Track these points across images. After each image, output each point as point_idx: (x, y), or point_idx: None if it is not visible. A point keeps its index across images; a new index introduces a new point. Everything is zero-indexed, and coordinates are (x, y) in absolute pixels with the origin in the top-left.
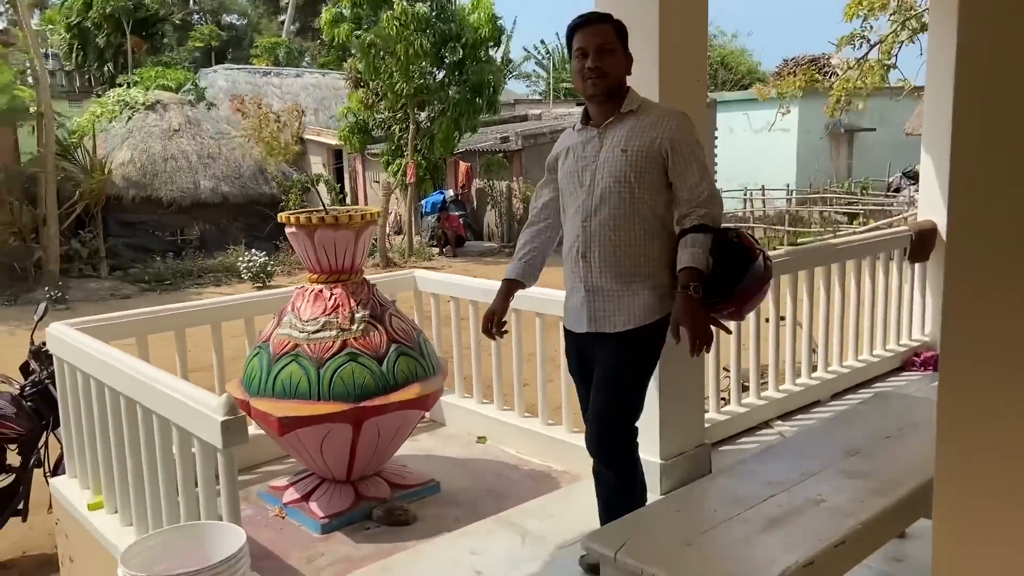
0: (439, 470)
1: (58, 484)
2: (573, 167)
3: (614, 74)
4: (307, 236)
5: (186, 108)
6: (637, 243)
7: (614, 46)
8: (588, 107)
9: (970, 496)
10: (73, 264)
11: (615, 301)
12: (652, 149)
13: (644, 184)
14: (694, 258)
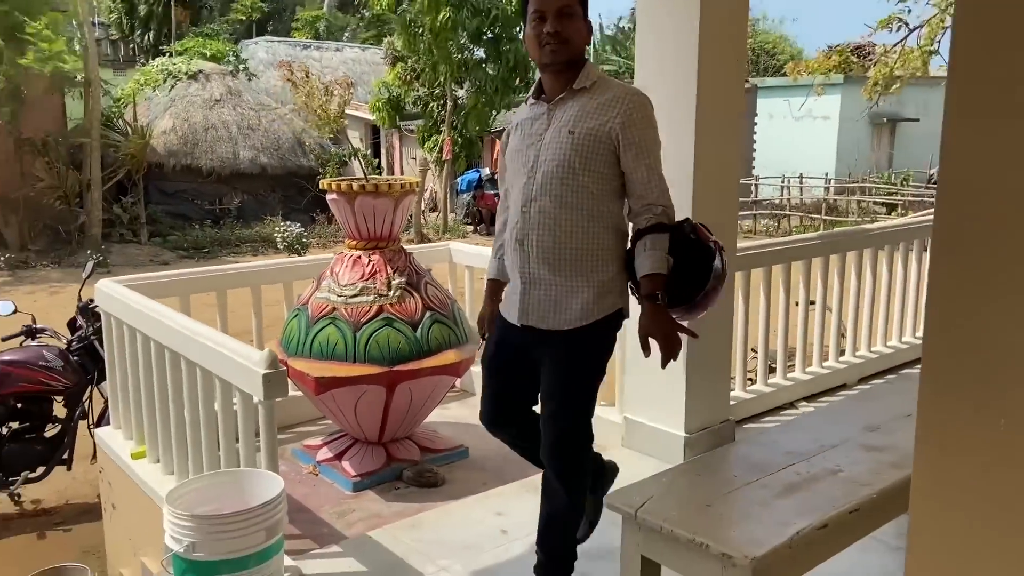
0: (468, 437)
1: (103, 434)
2: (518, 145)
3: (574, 41)
4: (347, 203)
5: (227, 78)
6: (579, 234)
7: (575, 9)
8: (542, 78)
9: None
10: (115, 229)
11: (552, 295)
12: (601, 133)
13: (590, 171)
14: (656, 263)
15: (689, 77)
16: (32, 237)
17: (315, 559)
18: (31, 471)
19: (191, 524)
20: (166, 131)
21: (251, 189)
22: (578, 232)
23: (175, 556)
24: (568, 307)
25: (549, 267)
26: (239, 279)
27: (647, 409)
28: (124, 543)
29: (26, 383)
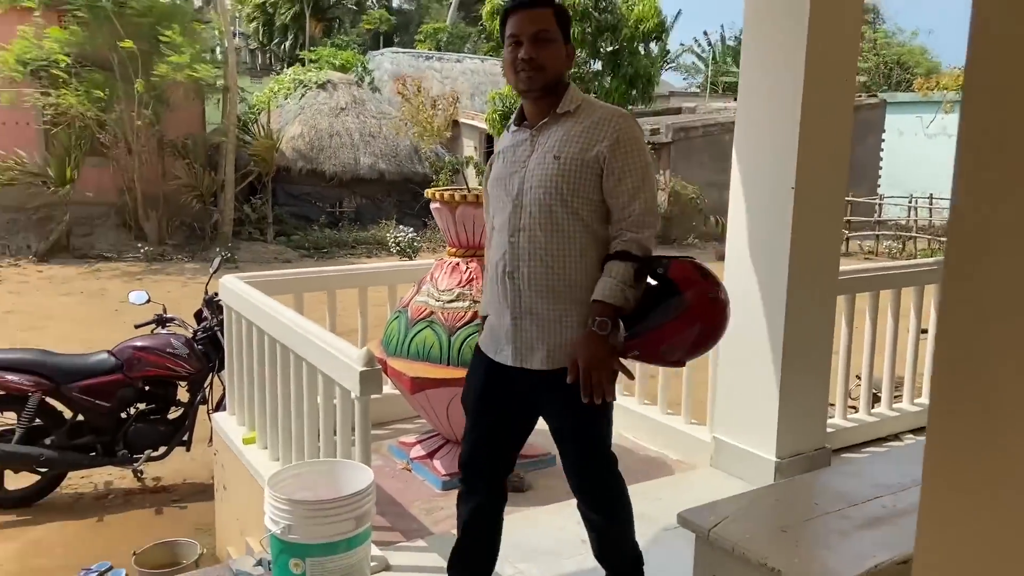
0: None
1: (219, 419)
2: (501, 173)
3: (551, 67)
4: (449, 212)
5: (353, 88)
6: (572, 263)
7: (553, 35)
8: (523, 104)
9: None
10: (244, 228)
11: (547, 331)
12: (588, 157)
13: (579, 197)
14: (605, 290)
15: (794, 94)
16: (170, 232)
17: (401, 551)
18: (154, 450)
19: (288, 508)
20: (294, 136)
21: (369, 193)
22: (571, 261)
23: (272, 536)
24: (558, 344)
25: (543, 299)
26: (347, 280)
27: (738, 430)
28: (232, 523)
29: (154, 368)
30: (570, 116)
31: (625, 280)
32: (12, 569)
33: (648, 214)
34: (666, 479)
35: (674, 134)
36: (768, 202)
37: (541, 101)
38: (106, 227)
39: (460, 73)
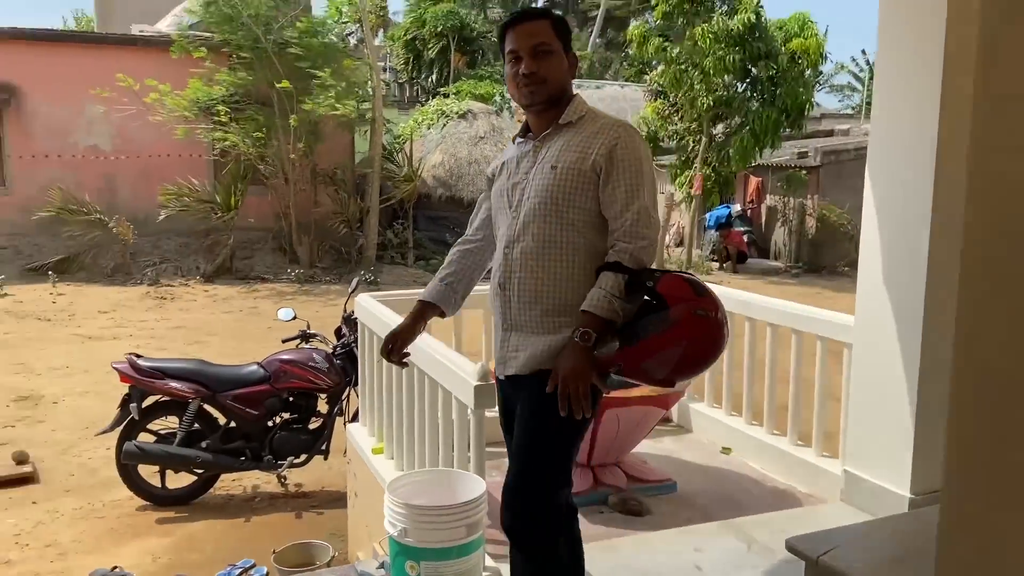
0: (678, 472)
1: (352, 430)
2: (504, 184)
3: (553, 79)
4: None
5: (492, 117)
6: (565, 276)
7: (552, 46)
8: (527, 116)
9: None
10: (387, 251)
11: (531, 340)
12: (584, 166)
13: (575, 207)
14: (592, 300)
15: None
16: (319, 255)
17: None
18: (296, 457)
19: (405, 512)
20: (435, 165)
21: None
22: (564, 273)
23: (391, 539)
24: (547, 347)
25: (530, 308)
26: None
27: (870, 464)
28: (363, 529)
29: (298, 380)
30: (572, 127)
31: (614, 291)
32: (168, 561)
33: (642, 225)
34: (792, 511)
35: (823, 157)
36: (903, 227)
37: (545, 113)
38: (264, 250)
39: (599, 100)
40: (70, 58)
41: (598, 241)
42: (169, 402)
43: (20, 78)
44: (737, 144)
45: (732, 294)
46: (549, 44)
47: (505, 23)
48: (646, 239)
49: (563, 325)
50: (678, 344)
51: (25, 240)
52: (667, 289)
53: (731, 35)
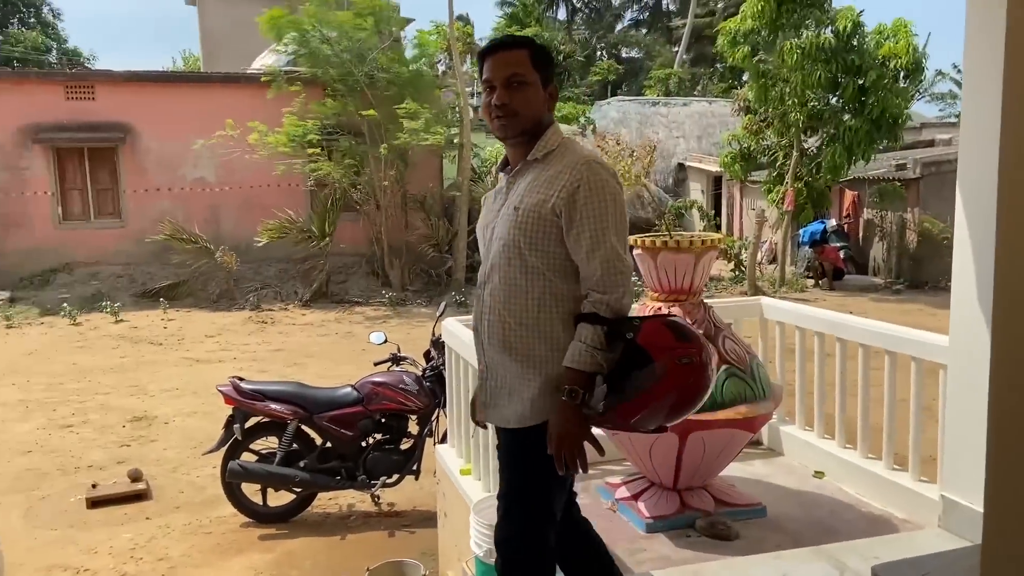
0: (768, 496)
1: (441, 451)
2: (483, 221)
3: (526, 112)
4: (651, 258)
5: (576, 138)
6: (531, 323)
7: (528, 78)
8: (505, 149)
9: None
10: (475, 274)
11: (506, 387)
12: (544, 210)
13: (537, 251)
14: (574, 355)
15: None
16: (411, 279)
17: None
18: (388, 477)
19: (489, 532)
20: None
21: None
22: (529, 317)
23: (477, 559)
24: (518, 400)
25: (500, 354)
26: None
27: (967, 489)
28: (452, 548)
29: (389, 402)
30: (540, 163)
31: (595, 344)
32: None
33: (613, 273)
34: (887, 538)
35: (923, 169)
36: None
37: (520, 147)
38: (358, 275)
39: (687, 116)
40: (178, 97)
41: (565, 286)
42: (269, 423)
43: (134, 118)
44: (828, 157)
45: (822, 315)
46: (524, 75)
47: (483, 50)
48: (621, 287)
49: (536, 375)
50: (668, 395)
51: (138, 268)
52: (648, 339)
53: (821, 49)
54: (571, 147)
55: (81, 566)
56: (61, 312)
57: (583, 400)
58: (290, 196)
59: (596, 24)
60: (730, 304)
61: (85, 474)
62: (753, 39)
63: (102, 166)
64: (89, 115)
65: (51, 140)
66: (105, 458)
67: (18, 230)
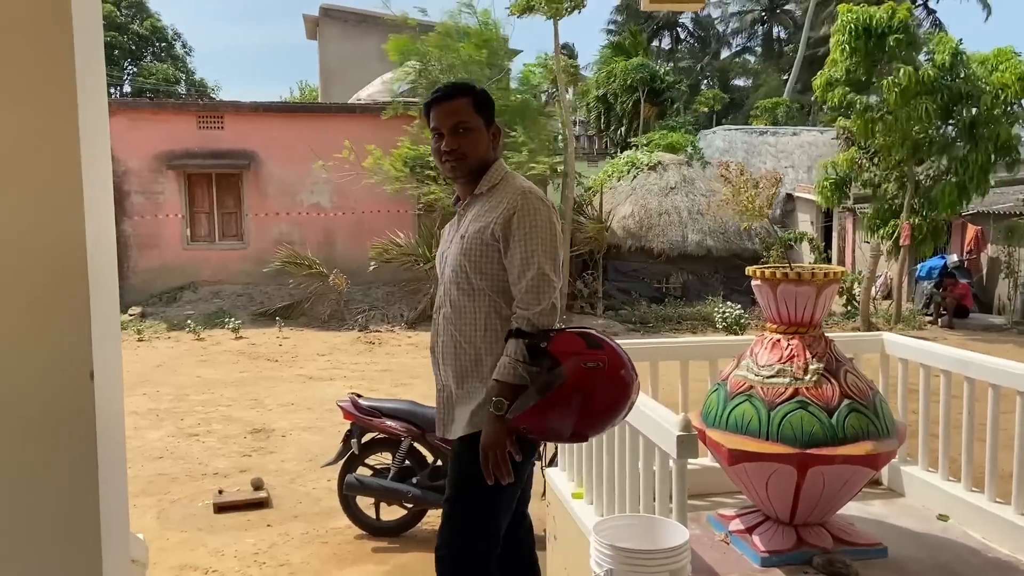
0: (889, 537)
1: (552, 474)
2: (438, 252)
3: (473, 154)
4: (770, 289)
5: (683, 168)
6: (478, 339)
7: (471, 123)
8: (456, 187)
9: None
10: (576, 302)
11: (459, 403)
12: (485, 235)
13: (481, 274)
14: (500, 369)
15: None
16: None
17: None
18: None
19: (611, 553)
20: (625, 216)
21: (695, 270)
22: (476, 339)
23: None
24: (466, 412)
25: (453, 374)
26: (669, 352)
27: None
28: (561, 570)
29: None
30: (483, 196)
31: (517, 356)
32: None
33: (537, 291)
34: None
35: None
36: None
37: (469, 184)
38: None
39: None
40: (298, 127)
41: (504, 307)
42: (384, 439)
43: (258, 146)
44: (940, 191)
45: (949, 352)
46: (468, 122)
47: (428, 100)
48: (541, 304)
49: (474, 389)
50: (572, 398)
51: (257, 288)
52: (558, 347)
53: (922, 83)
54: (512, 180)
55: (209, 567)
56: (186, 327)
57: (508, 410)
58: (399, 221)
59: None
60: (851, 338)
61: (211, 481)
62: (852, 77)
63: (228, 191)
64: (218, 143)
65: (183, 166)
66: (229, 466)
67: (151, 250)
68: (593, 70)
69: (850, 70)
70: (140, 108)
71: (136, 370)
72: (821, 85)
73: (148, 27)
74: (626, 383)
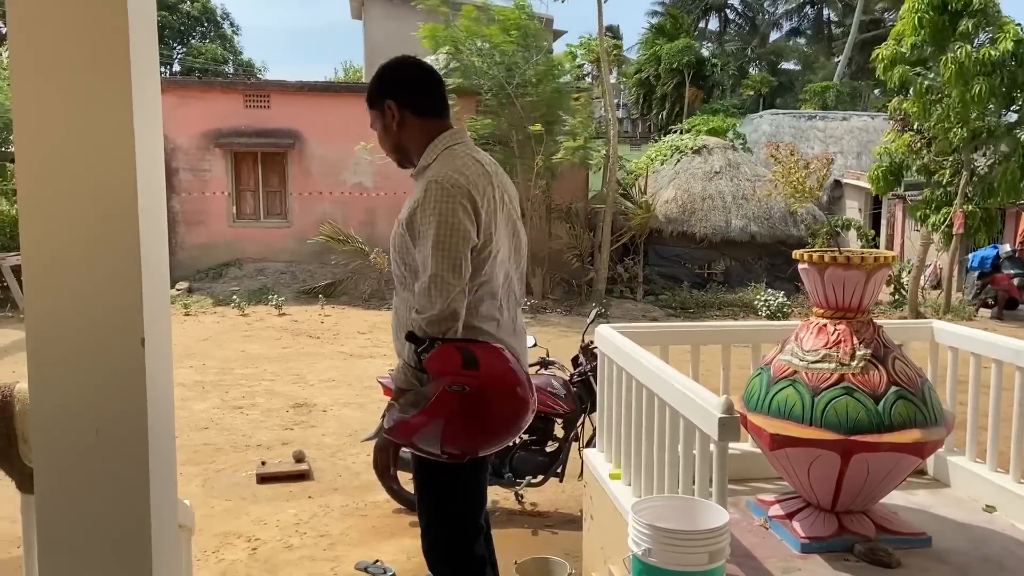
0: (933, 527)
1: (589, 455)
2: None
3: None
4: (818, 273)
5: (728, 152)
6: (402, 334)
7: (374, 122)
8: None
9: None
10: (616, 286)
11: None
12: (400, 226)
13: (405, 266)
14: (396, 371)
15: None
16: (551, 288)
17: None
18: (533, 477)
19: (649, 532)
20: (668, 200)
21: (738, 256)
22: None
23: (634, 557)
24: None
25: (398, 355)
26: (712, 336)
27: None
28: (597, 551)
29: (538, 404)
30: (416, 180)
31: (409, 361)
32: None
33: (429, 294)
34: None
35: None
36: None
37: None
38: None
39: (846, 132)
40: (342, 106)
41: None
42: None
43: (303, 125)
44: (1001, 177)
45: (1002, 341)
46: (372, 122)
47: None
48: (433, 308)
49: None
50: (434, 421)
51: (300, 266)
52: (433, 362)
53: (984, 64)
54: (437, 165)
55: (252, 535)
56: (231, 303)
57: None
58: None
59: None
60: (899, 325)
61: (254, 452)
62: (917, 53)
63: (272, 169)
64: (263, 122)
65: (230, 144)
66: (271, 439)
67: (198, 227)
68: (637, 51)
69: (916, 46)
70: (189, 86)
71: (183, 343)
72: (883, 60)
73: (198, 8)
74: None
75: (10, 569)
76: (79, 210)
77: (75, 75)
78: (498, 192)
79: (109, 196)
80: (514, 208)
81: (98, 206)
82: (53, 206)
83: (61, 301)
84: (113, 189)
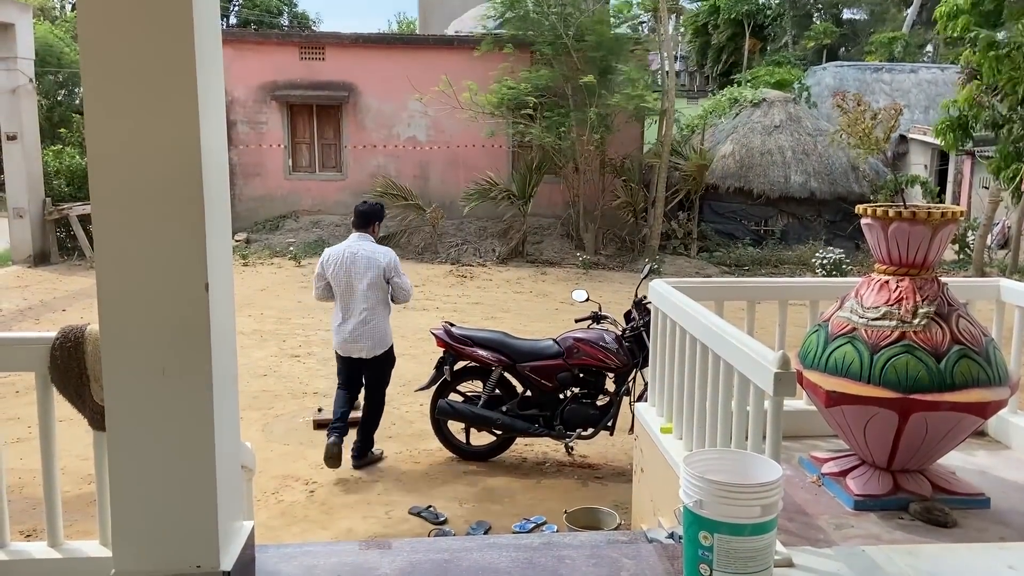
0: (992, 488)
1: (641, 409)
2: None
3: None
4: (881, 228)
5: (789, 105)
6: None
7: None
8: None
9: None
10: (669, 242)
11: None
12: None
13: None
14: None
15: None
16: (604, 243)
17: (806, 553)
18: (584, 430)
19: (701, 484)
20: (725, 155)
21: (797, 212)
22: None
23: (686, 508)
24: None
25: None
26: (768, 292)
27: None
28: (646, 503)
29: (589, 358)
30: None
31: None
32: (472, 508)
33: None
34: None
35: None
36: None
37: None
38: (552, 236)
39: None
40: (396, 59)
41: None
42: (475, 367)
43: (357, 78)
44: None
45: None
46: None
47: None
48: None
49: None
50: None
51: None
52: None
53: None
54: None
55: (309, 478)
56: (288, 254)
57: None
58: (493, 157)
59: None
60: (963, 283)
61: (311, 399)
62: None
63: (327, 122)
64: (318, 74)
65: (285, 97)
66: (327, 387)
67: (255, 179)
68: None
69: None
70: (245, 39)
71: (242, 293)
72: (942, 15)
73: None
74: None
75: (83, 503)
76: (145, 161)
77: (140, 28)
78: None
79: (174, 147)
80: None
81: (163, 157)
82: (121, 157)
83: (129, 248)
84: (177, 140)
